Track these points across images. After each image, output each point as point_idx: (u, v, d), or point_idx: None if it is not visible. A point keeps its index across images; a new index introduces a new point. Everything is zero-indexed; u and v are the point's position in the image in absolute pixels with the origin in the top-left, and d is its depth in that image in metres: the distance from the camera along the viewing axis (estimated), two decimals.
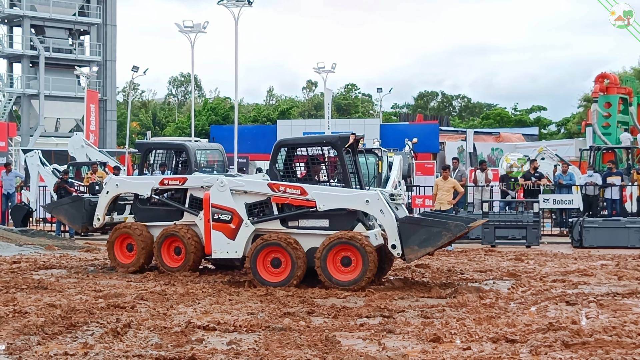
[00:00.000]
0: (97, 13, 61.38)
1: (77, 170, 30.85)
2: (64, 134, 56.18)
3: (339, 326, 9.68)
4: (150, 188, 15.03)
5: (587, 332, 8.90)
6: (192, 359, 7.74)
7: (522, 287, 13.04)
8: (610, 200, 25.23)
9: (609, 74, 41.98)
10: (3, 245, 19.58)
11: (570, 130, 67.79)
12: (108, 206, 15.63)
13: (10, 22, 60.16)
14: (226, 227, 13.50)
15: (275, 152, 13.75)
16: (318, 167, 14.04)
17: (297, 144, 14.14)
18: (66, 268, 15.99)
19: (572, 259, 17.70)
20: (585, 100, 60.58)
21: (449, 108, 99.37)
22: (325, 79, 35.41)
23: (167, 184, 15.00)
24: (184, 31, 28.12)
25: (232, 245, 13.48)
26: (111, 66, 62.36)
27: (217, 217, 13.54)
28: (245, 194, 13.58)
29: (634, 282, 13.67)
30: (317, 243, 13.05)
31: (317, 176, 13.97)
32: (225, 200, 13.53)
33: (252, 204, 13.55)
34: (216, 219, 13.54)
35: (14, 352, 8.13)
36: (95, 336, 8.91)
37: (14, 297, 11.81)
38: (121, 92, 78.55)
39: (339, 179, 13.81)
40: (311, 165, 13.91)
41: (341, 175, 13.71)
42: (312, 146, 14.00)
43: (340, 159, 13.57)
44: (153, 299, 11.65)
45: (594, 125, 39.23)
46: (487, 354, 8.12)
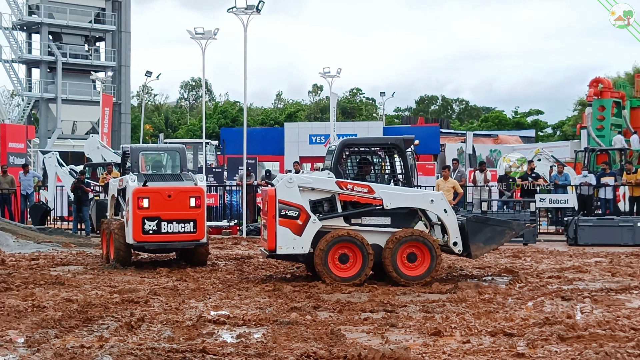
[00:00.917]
0: (112, 20, 61.46)
1: (93, 170, 30.90)
2: (80, 136, 56.23)
3: (343, 320, 9.69)
4: None
5: (582, 327, 8.90)
6: (203, 352, 7.75)
7: (519, 283, 13.04)
8: (604, 199, 25.17)
9: (603, 79, 41.87)
10: (22, 242, 19.63)
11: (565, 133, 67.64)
12: None
13: (29, 29, 60.24)
14: (293, 224, 12.99)
15: (340, 151, 13.60)
16: (381, 167, 14.02)
17: (361, 144, 14.23)
18: (82, 265, 16.03)
19: (567, 256, 17.68)
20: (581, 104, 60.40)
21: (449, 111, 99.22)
22: (330, 84, 35.34)
23: None
24: (195, 38, 28.06)
25: (299, 241, 12.98)
26: (125, 71, 62.44)
27: (284, 214, 13.02)
28: (311, 191, 13.19)
29: (627, 279, 13.66)
30: (378, 240, 13.07)
31: (379, 175, 13.90)
32: (293, 196, 13.05)
33: (316, 201, 13.21)
34: (283, 215, 13.02)
35: (33, 344, 8.15)
36: (110, 330, 8.94)
37: (33, 292, 11.85)
38: (135, 96, 78.71)
39: (399, 179, 13.80)
40: (374, 165, 13.93)
41: (403, 175, 13.76)
42: (376, 147, 14.06)
43: (404, 159, 13.71)
44: (166, 294, 11.68)
45: (588, 128, 39.13)
46: (485, 347, 8.12)
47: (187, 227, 15.22)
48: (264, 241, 13.59)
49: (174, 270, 14.79)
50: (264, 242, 13.59)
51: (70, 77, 59.41)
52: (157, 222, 15.09)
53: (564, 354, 7.75)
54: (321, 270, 12.86)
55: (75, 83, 59.38)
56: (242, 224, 24.30)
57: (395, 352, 7.51)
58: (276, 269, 15.19)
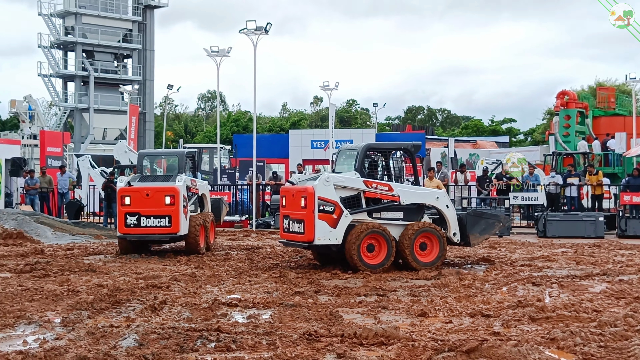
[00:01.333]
0: (138, 40, 61.47)
1: (121, 172, 30.71)
2: (110, 141, 56.20)
3: (341, 303, 9.68)
4: None
5: (550, 309, 8.88)
6: (217, 331, 7.75)
7: (495, 270, 13.02)
8: (570, 197, 25.17)
9: (568, 92, 41.82)
10: (59, 234, 19.64)
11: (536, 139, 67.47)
12: None
13: (65, 48, 60.29)
14: (329, 217, 12.91)
15: (363, 154, 13.59)
16: (394, 168, 14.08)
17: (380, 148, 14.25)
18: (112, 254, 16.03)
19: (537, 247, 17.67)
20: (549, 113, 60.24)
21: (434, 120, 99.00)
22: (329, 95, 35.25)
23: None
24: (211, 55, 28.04)
25: (334, 233, 12.93)
26: (150, 84, 62.46)
27: (322, 209, 12.94)
28: (343, 189, 13.16)
29: (590, 267, 13.64)
30: (394, 231, 13.20)
31: (392, 175, 13.97)
32: (330, 193, 12.98)
33: (345, 198, 13.19)
34: (321, 210, 12.93)
35: (68, 324, 8.15)
36: (136, 311, 8.93)
37: (68, 278, 11.85)
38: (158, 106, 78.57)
39: (408, 179, 14.04)
40: (389, 166, 14.01)
41: (412, 176, 14.00)
42: (392, 150, 14.12)
43: (413, 162, 13.91)
44: (185, 280, 11.67)
45: (556, 135, 39.13)
46: (465, 326, 8.11)
47: (163, 222, 15.40)
48: (291, 233, 13.40)
49: (192, 259, 14.78)
50: (291, 234, 13.39)
51: (101, 90, 59.46)
52: (137, 217, 15.37)
53: (534, 332, 7.74)
54: (355, 258, 12.85)
55: (106, 95, 59.42)
56: (251, 218, 24.29)
57: (386, 331, 7.50)
58: (282, 258, 15.18)
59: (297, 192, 13.27)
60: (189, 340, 7.26)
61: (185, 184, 15.92)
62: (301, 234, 13.12)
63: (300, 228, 13.13)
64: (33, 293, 10.22)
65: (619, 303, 9.55)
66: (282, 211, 13.83)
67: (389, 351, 6.91)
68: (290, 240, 13.54)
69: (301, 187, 13.33)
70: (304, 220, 13.02)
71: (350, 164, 13.95)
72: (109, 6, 60.07)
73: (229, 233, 21.94)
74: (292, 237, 13.44)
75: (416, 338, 7.38)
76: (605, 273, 12.57)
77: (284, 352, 6.77)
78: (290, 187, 13.77)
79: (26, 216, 20.23)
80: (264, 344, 7.14)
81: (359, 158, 13.55)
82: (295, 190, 13.48)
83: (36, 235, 18.83)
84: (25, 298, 9.84)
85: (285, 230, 13.64)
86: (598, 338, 7.26)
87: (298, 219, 13.18)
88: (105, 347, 6.90)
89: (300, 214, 13.13)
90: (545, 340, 7.33)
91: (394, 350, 6.92)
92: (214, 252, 16.26)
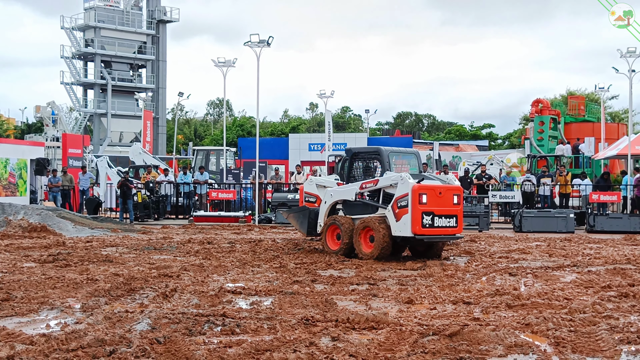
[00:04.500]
0: (152, 51, 61.45)
1: (136, 171, 30.88)
2: (126, 143, 56.17)
3: (335, 291, 9.67)
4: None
5: (525, 297, 8.89)
6: (223, 316, 7.74)
7: (475, 262, 13.03)
8: (543, 196, 25.24)
9: (542, 100, 41.92)
10: (79, 228, 19.60)
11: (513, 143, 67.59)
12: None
13: (85, 58, 60.24)
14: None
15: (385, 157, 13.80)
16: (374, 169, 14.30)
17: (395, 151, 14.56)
18: (127, 246, 15.99)
19: (513, 241, 17.69)
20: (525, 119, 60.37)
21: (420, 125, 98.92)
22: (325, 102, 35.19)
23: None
24: (218, 65, 27.98)
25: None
26: (162, 92, 62.43)
27: (400, 205, 12.92)
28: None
29: (561, 259, 13.66)
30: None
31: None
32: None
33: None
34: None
35: (87, 310, 8.13)
36: (149, 298, 8.91)
37: (87, 268, 11.82)
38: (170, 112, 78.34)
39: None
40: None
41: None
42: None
43: (382, 165, 13.96)
44: (194, 270, 11.65)
45: (531, 139, 39.23)
46: (448, 312, 8.11)
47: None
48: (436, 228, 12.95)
49: (200, 251, 14.76)
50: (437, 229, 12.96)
51: (118, 97, 59.46)
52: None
53: (510, 318, 7.74)
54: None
55: (122, 101, 59.41)
56: (254, 214, 24.27)
57: (376, 316, 7.50)
58: (282, 250, 15.16)
59: (447, 190, 13.05)
60: (197, 325, 7.25)
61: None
62: (454, 227, 13.11)
63: (452, 223, 13.08)
64: (55, 281, 10.19)
65: (588, 292, 9.56)
66: (422, 208, 12.76)
67: (378, 335, 6.91)
68: (434, 235, 12.97)
69: (449, 186, 13.30)
70: (456, 215, 13.14)
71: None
72: (125, 20, 60.07)
73: (234, 227, 21.91)
74: (439, 231, 12.96)
75: (403, 323, 7.38)
76: (575, 264, 12.59)
77: (284, 336, 6.77)
78: (436, 185, 13.05)
79: (49, 211, 20.19)
80: (265, 328, 7.13)
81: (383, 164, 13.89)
82: (444, 188, 13.08)
83: (58, 229, 18.80)
84: (48, 286, 9.81)
85: (426, 226, 12.80)
86: (568, 323, 7.28)
87: (449, 214, 13.03)
88: (120, 331, 6.88)
89: (453, 210, 13.07)
90: (521, 325, 7.33)
91: (383, 334, 6.92)
92: (220, 244, 16.24)
